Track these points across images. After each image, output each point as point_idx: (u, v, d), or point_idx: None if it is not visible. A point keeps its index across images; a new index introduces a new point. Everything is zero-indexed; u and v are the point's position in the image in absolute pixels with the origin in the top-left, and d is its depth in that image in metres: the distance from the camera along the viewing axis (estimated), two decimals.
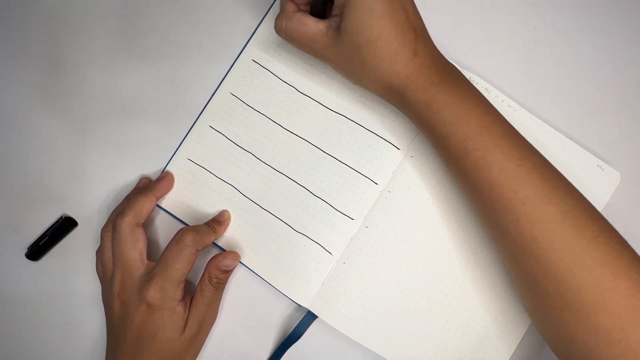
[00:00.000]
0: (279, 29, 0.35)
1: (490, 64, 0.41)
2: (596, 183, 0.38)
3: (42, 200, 0.42)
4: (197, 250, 0.36)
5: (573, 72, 0.41)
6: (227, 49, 0.42)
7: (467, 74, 0.39)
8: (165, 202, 0.41)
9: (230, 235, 0.40)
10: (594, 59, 0.41)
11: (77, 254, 0.42)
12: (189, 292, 0.38)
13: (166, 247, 0.36)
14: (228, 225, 0.40)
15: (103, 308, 0.39)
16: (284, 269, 0.39)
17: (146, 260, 0.37)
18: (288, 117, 0.40)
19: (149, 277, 0.35)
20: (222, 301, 0.40)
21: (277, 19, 0.35)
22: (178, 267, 0.35)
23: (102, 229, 0.38)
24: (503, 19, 0.41)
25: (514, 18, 0.41)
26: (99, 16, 0.43)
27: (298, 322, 0.39)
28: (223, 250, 0.40)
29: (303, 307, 0.39)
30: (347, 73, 0.35)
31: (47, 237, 0.41)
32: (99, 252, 0.38)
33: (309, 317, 0.38)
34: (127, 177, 0.42)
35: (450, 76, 0.33)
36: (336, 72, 0.40)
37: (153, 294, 0.34)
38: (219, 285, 0.37)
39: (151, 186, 0.39)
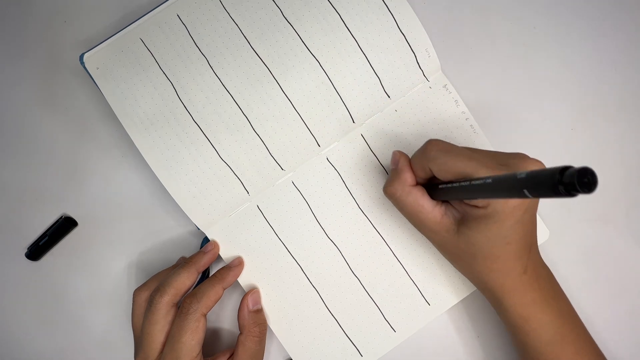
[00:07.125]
0: (390, 194, 0.33)
1: (490, 64, 0.41)
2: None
3: (42, 200, 0.42)
4: (204, 315, 0.33)
5: (573, 72, 0.41)
6: None
7: (442, 81, 0.39)
8: (100, 81, 0.38)
9: (149, 146, 0.37)
10: (594, 59, 0.41)
11: (77, 254, 0.42)
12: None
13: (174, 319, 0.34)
14: (239, 273, 0.37)
15: (102, 308, 0.39)
16: (200, 195, 0.37)
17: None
18: (261, 36, 0.37)
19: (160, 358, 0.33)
20: (224, 314, 0.40)
21: (391, 184, 0.33)
22: (185, 340, 0.32)
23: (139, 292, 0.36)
24: (503, 20, 0.41)
25: (514, 18, 0.41)
26: (99, 16, 0.43)
27: None
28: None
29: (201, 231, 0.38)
30: (447, 257, 0.34)
31: (47, 237, 0.41)
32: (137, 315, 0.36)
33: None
34: (127, 177, 0.42)
35: (551, 293, 0.33)
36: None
37: None
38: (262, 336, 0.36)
39: (195, 260, 0.36)
